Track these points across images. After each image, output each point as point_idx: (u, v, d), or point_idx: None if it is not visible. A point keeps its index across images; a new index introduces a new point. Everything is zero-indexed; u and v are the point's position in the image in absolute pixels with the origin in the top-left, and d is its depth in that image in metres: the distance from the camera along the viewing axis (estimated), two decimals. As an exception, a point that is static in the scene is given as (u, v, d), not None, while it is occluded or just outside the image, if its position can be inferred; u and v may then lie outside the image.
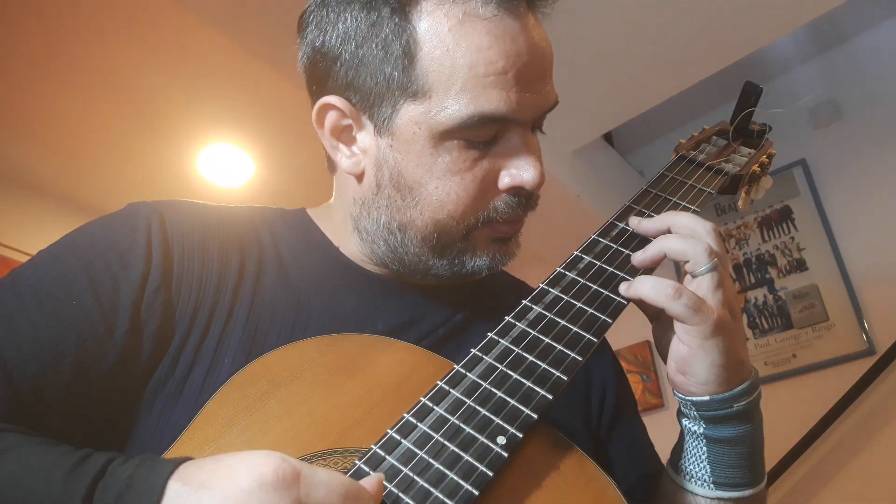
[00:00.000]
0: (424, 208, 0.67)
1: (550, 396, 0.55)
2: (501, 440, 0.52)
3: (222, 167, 3.13)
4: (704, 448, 0.63)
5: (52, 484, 0.44)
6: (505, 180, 0.67)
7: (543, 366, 0.57)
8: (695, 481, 0.63)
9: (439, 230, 0.68)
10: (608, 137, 3.37)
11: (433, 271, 0.71)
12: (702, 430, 0.62)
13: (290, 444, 0.53)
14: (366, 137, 0.70)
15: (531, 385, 0.56)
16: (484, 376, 0.57)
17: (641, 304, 0.63)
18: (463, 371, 0.58)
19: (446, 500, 0.49)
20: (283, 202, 0.86)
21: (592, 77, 2.61)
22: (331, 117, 0.70)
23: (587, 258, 0.66)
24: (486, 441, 0.52)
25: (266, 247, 0.74)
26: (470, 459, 0.51)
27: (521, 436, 0.53)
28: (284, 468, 0.40)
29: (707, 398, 0.60)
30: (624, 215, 0.71)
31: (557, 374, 0.57)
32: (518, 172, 0.67)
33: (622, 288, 0.62)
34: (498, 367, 0.58)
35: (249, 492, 0.39)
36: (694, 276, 0.61)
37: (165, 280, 0.65)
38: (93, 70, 2.56)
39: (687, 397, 0.62)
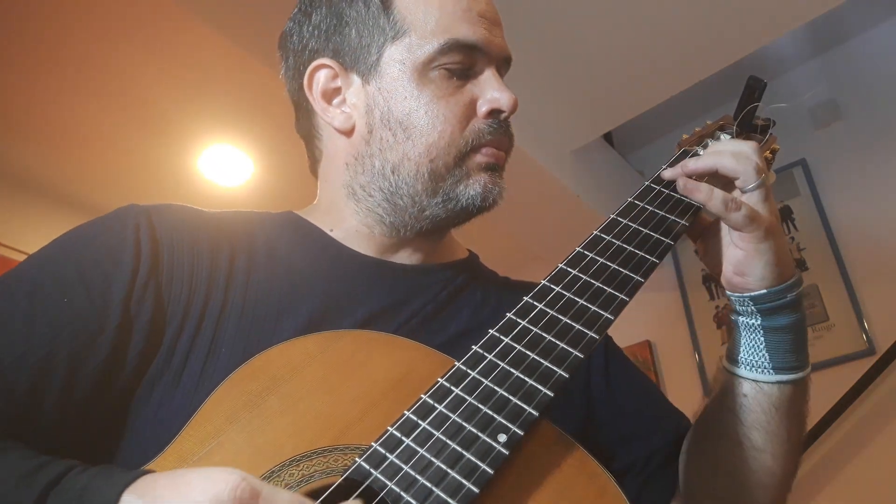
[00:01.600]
0: (417, 138, 0.73)
1: (552, 394, 0.55)
2: (502, 438, 0.52)
3: (223, 167, 3.15)
4: (762, 338, 0.69)
5: (3, 490, 0.43)
6: (483, 108, 0.75)
7: (545, 363, 0.57)
8: (756, 369, 0.69)
9: (433, 157, 0.73)
10: (608, 137, 3.37)
11: (427, 212, 0.75)
12: (759, 322, 0.69)
13: (291, 440, 0.53)
14: (354, 93, 0.76)
15: (533, 383, 0.56)
16: (485, 373, 0.57)
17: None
18: (464, 368, 0.58)
19: (448, 498, 0.48)
20: (280, 200, 0.87)
21: (592, 77, 2.61)
22: (320, 78, 0.77)
23: (589, 255, 0.66)
24: (487, 439, 0.52)
25: (257, 240, 0.76)
26: (471, 458, 0.51)
27: (522, 434, 0.53)
28: (242, 487, 0.40)
29: (765, 291, 0.67)
30: (626, 212, 0.71)
31: (560, 371, 0.56)
32: (494, 97, 0.75)
33: (682, 186, 0.69)
34: (499, 365, 0.57)
35: None
36: (744, 192, 0.68)
37: (155, 274, 0.66)
38: (95, 72, 2.56)
39: (745, 294, 0.68)
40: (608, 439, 0.78)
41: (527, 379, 0.56)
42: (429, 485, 0.49)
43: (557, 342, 0.58)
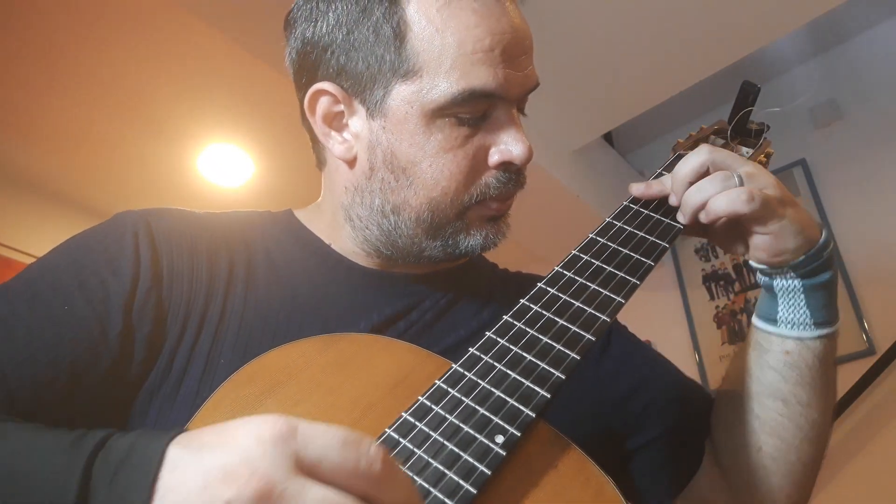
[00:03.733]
0: (419, 188, 0.69)
1: (549, 396, 0.55)
2: (500, 439, 0.52)
3: (222, 167, 3.15)
4: (803, 297, 0.68)
5: (51, 459, 0.43)
6: (495, 157, 0.70)
7: (542, 365, 0.57)
8: (798, 327, 0.69)
9: (433, 209, 0.70)
10: (608, 137, 3.37)
11: (426, 253, 0.73)
12: (800, 284, 0.68)
13: (289, 443, 0.53)
14: (358, 122, 0.71)
15: (530, 384, 0.56)
16: (483, 375, 0.57)
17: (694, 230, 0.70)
18: (461, 370, 0.58)
19: (445, 499, 0.49)
20: (282, 201, 0.86)
21: (592, 77, 2.61)
22: (322, 103, 0.72)
23: (585, 257, 0.67)
24: (484, 440, 0.52)
25: (255, 248, 0.75)
26: (469, 458, 0.51)
27: (519, 435, 0.53)
28: (281, 424, 0.40)
29: (802, 258, 0.66)
30: (621, 215, 0.71)
31: (556, 373, 0.57)
32: (507, 148, 0.69)
33: (702, 216, 0.67)
34: (497, 366, 0.58)
35: (248, 448, 0.38)
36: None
37: (156, 283, 0.66)
38: (94, 71, 2.57)
39: (784, 266, 0.67)
40: (628, 415, 0.78)
41: (524, 380, 0.56)
42: (426, 485, 0.49)
43: (554, 344, 0.59)
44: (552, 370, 0.57)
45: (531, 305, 0.63)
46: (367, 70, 0.68)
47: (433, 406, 0.55)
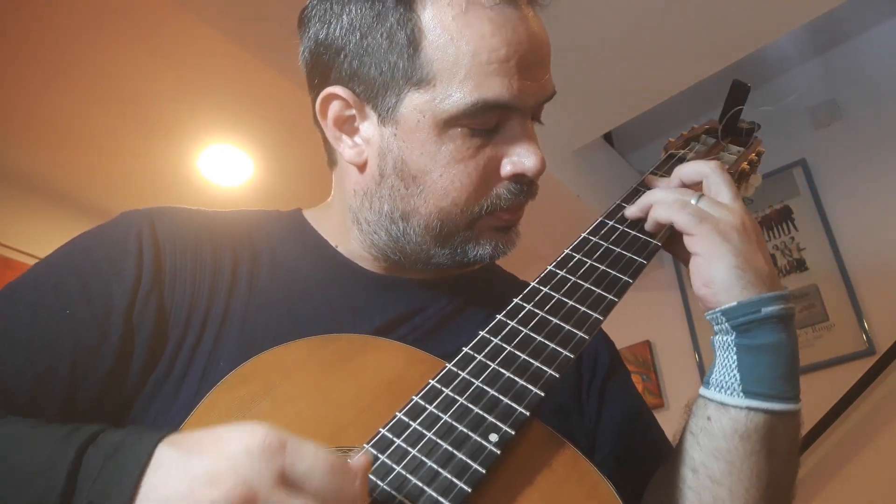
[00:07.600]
0: (429, 197, 0.68)
1: (542, 394, 0.55)
2: (494, 438, 0.53)
3: (222, 167, 3.15)
4: (735, 357, 0.60)
5: (41, 450, 0.44)
6: (507, 168, 0.68)
7: (536, 364, 0.57)
8: (724, 390, 0.60)
9: (443, 218, 0.69)
10: (608, 137, 3.37)
11: (434, 260, 0.72)
12: (732, 340, 0.61)
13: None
14: (369, 127, 0.70)
15: (523, 383, 0.56)
16: (476, 374, 0.57)
17: (675, 249, 0.69)
18: (455, 369, 0.58)
19: (440, 498, 0.49)
20: (280, 200, 0.86)
21: (592, 77, 2.61)
22: (334, 107, 0.71)
23: (578, 256, 0.67)
24: (478, 439, 0.52)
25: (260, 249, 0.75)
26: (463, 457, 0.51)
27: (513, 433, 0.53)
28: (271, 437, 0.41)
29: (735, 304, 0.60)
30: (614, 213, 0.72)
31: (550, 371, 0.57)
32: (520, 160, 0.68)
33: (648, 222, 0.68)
34: (490, 365, 0.58)
35: (235, 458, 0.39)
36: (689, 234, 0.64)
37: (157, 284, 0.66)
38: (94, 71, 2.57)
39: (716, 308, 0.62)
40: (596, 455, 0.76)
41: (517, 379, 0.56)
42: (421, 484, 0.50)
43: (548, 342, 0.59)
44: (545, 368, 0.57)
45: (524, 304, 0.63)
46: (380, 76, 0.67)
47: (427, 405, 0.55)
